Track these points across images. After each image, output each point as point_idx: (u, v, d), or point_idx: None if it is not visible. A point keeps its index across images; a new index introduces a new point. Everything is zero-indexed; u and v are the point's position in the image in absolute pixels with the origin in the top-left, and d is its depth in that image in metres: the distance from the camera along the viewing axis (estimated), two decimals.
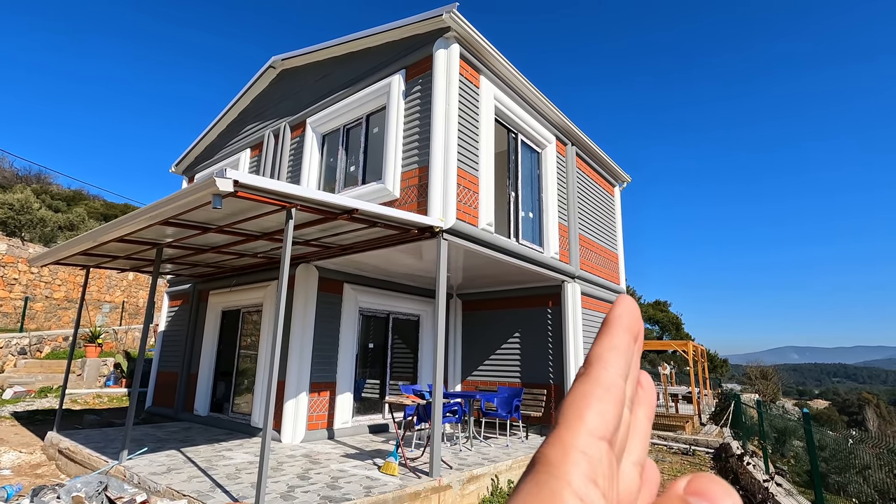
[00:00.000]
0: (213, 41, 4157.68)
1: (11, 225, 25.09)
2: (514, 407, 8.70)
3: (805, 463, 8.90)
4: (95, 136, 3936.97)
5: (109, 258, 7.71)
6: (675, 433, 14.08)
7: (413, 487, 5.36)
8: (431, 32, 7.49)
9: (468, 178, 7.35)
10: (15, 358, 14.61)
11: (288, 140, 9.89)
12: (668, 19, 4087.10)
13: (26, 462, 7.55)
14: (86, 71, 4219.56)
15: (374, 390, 9.60)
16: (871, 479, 7.27)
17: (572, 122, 10.19)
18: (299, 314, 8.20)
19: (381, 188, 7.55)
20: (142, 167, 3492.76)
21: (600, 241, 11.56)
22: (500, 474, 6.69)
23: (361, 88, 8.46)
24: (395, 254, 7.90)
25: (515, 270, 8.94)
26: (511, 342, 10.44)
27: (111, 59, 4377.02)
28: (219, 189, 4.08)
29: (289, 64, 10.29)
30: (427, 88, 7.37)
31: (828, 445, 8.45)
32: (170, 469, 5.79)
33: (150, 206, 4.93)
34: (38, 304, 18.62)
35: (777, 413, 11.45)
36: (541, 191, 9.57)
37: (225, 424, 9.10)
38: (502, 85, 8.44)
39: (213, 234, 6.22)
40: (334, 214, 5.43)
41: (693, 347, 20.51)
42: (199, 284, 10.89)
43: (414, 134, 7.44)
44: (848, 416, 59.46)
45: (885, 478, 6.90)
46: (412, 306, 10.39)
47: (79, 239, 6.48)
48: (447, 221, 6.65)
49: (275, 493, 4.94)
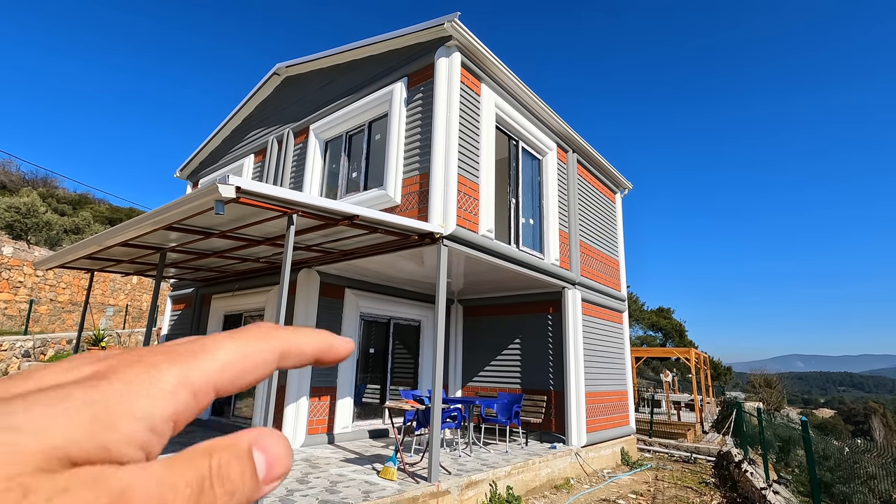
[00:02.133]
0: (217, 46, 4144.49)
1: (17, 228, 25.30)
2: (514, 413, 8.71)
3: None
4: (101, 141, 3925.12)
5: (114, 262, 7.80)
6: (676, 441, 14.03)
7: (411, 493, 5.38)
8: (433, 41, 7.58)
9: (469, 185, 7.41)
10: (19, 360, 14.71)
11: (291, 146, 9.99)
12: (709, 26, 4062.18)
13: None
14: (90, 76, 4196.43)
15: (374, 395, 9.63)
16: (876, 489, 7.23)
17: (573, 130, 10.25)
18: (301, 319, 8.25)
19: (382, 194, 7.62)
20: (147, 172, 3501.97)
21: (601, 248, 11.59)
22: (498, 480, 6.70)
23: (364, 96, 8.55)
24: (397, 259, 7.95)
25: (516, 277, 8.98)
26: (511, 348, 10.46)
27: (114, 64, 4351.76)
28: (221, 195, 4.15)
29: (293, 71, 10.41)
30: (428, 96, 7.46)
31: (832, 455, 8.39)
32: None
33: (154, 211, 5.01)
34: (42, 308, 18.75)
35: (781, 422, 11.38)
36: (541, 197, 9.62)
37: (226, 428, 9.14)
38: (503, 92, 8.51)
39: (215, 239, 6.29)
40: (335, 220, 5.49)
41: (696, 355, 20.44)
42: (201, 288, 10.97)
43: (415, 141, 7.52)
44: (854, 426, 58.93)
45: (889, 488, 6.85)
46: (413, 312, 10.43)
47: (84, 243, 6.57)
48: (448, 228, 6.70)
49: (273, 496, 4.97)
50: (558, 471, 8.21)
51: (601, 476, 9.07)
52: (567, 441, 9.00)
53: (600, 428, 10.02)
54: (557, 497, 7.42)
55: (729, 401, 19.31)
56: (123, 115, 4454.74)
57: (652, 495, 8.15)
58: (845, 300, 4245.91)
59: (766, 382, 46.73)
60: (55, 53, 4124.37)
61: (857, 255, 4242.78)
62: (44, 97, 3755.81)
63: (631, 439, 11.56)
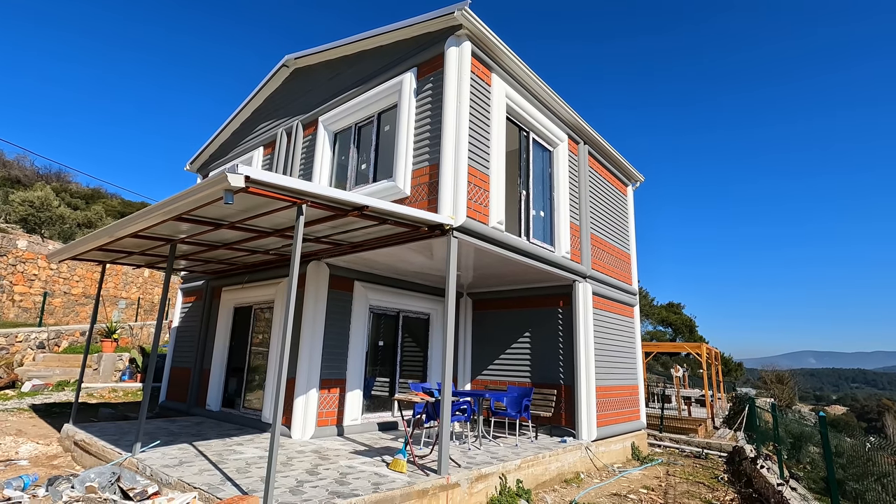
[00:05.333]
0: (219, 49, 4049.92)
1: (31, 222, 25.64)
2: (524, 406, 8.66)
3: (821, 469, 8.70)
4: (113, 136, 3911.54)
5: (125, 254, 7.83)
6: (687, 436, 13.90)
7: (421, 485, 5.36)
8: (443, 30, 7.48)
9: (479, 177, 7.33)
10: (34, 352, 14.93)
11: (300, 138, 9.96)
12: None
13: (43, 453, 7.70)
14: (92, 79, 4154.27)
15: (383, 388, 9.62)
16: (890, 487, 7.10)
17: (585, 121, 10.11)
18: (310, 311, 8.25)
19: (391, 186, 7.56)
20: (159, 167, 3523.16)
21: (612, 241, 11.46)
22: (508, 473, 6.66)
23: (373, 87, 8.48)
24: (406, 252, 7.90)
25: (526, 269, 8.90)
26: (521, 342, 10.39)
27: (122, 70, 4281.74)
28: (230, 185, 4.12)
29: (301, 63, 10.36)
30: (438, 87, 7.37)
31: (845, 451, 8.25)
32: (181, 462, 5.86)
33: (164, 201, 4.99)
34: (56, 300, 19.00)
35: (793, 418, 11.23)
36: (552, 189, 9.51)
37: (236, 420, 9.19)
38: (514, 83, 8.40)
39: (225, 231, 6.27)
40: (344, 211, 5.45)
41: (707, 350, 20.23)
42: (212, 281, 11.02)
43: (425, 132, 7.44)
44: (867, 423, 58.16)
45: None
46: (423, 305, 10.40)
47: (95, 234, 6.59)
48: (457, 219, 6.64)
49: (283, 487, 4.97)
50: (568, 465, 8.16)
51: (611, 471, 9.00)
52: (577, 435, 8.94)
53: (611, 423, 9.94)
54: (567, 491, 7.36)
55: (741, 396, 19.11)
56: (134, 110, 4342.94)
57: (664, 490, 8.07)
58: (859, 297, 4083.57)
59: (777, 378, 46.29)
60: (64, 60, 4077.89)
61: (873, 251, 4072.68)
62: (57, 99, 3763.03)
63: (641, 434, 11.47)
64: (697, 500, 7.64)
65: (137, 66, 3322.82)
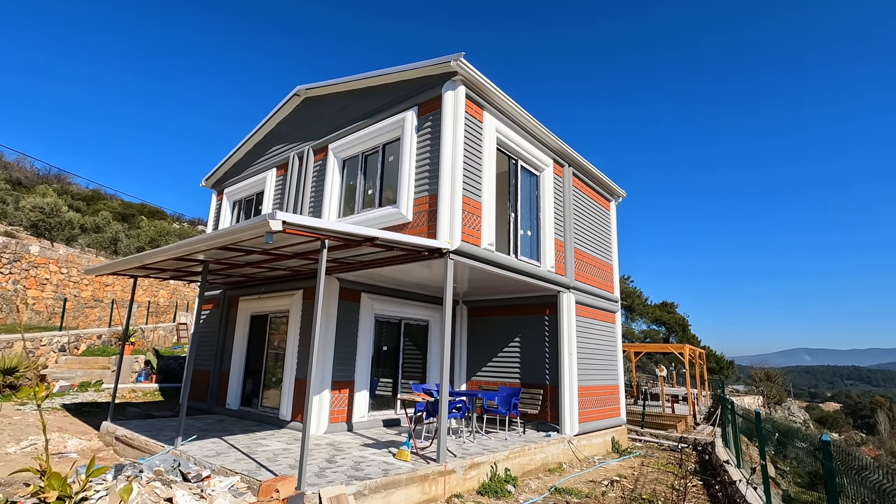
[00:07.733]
0: (219, 48, 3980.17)
1: (41, 227, 26.52)
2: (513, 405, 9.75)
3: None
4: (109, 139, 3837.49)
5: (159, 270, 8.85)
6: (666, 431, 15.01)
7: (423, 471, 6.41)
8: (441, 75, 8.52)
9: (472, 204, 8.38)
10: (56, 355, 15.90)
11: (311, 163, 10.98)
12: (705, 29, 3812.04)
13: (87, 447, 8.71)
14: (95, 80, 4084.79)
15: (387, 388, 10.68)
16: (867, 481, 7.87)
17: (569, 146, 11.17)
18: (322, 321, 9.29)
19: (395, 212, 8.60)
20: (157, 171, 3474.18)
21: (595, 254, 12.53)
22: (498, 462, 7.72)
23: (378, 121, 9.52)
24: (409, 267, 8.95)
25: (515, 282, 9.95)
26: (512, 346, 11.47)
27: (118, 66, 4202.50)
28: (271, 227, 5.15)
29: (312, 93, 11.37)
30: (437, 125, 8.41)
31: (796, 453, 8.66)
32: (218, 453, 6.89)
33: (212, 234, 6.01)
34: (67, 304, 19.93)
35: (749, 418, 11.99)
36: (539, 210, 10.57)
37: (254, 417, 10.22)
38: (503, 118, 9.45)
39: (255, 255, 7.31)
40: (358, 242, 6.49)
41: (690, 350, 21.36)
42: (229, 290, 12.03)
43: (425, 165, 8.49)
44: (860, 420, 59.19)
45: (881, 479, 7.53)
46: (422, 312, 11.45)
47: (139, 256, 7.60)
48: (453, 244, 7.69)
49: (309, 472, 6.01)
50: (552, 456, 9.23)
51: (591, 462, 10.08)
52: (561, 430, 10.01)
53: (592, 419, 11.02)
54: (550, 478, 8.43)
55: (717, 395, 20.21)
56: (129, 114, 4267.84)
57: (635, 478, 9.15)
58: (854, 293, 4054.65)
59: (766, 376, 47.45)
60: (67, 57, 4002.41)
61: (867, 245, 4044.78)
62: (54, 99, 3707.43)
63: (622, 429, 12.56)
64: (664, 486, 8.73)
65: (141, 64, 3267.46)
